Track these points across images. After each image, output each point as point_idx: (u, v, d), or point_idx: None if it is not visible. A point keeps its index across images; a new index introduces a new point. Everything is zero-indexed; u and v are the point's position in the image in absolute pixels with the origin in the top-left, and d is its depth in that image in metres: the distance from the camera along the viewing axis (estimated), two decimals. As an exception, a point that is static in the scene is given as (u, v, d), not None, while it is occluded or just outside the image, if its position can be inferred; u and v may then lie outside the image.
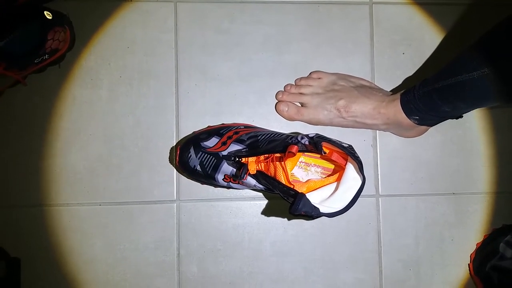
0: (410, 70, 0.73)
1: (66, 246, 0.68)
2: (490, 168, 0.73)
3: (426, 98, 0.60)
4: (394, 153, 0.72)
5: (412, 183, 0.72)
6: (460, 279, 0.72)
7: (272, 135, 0.62)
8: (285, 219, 0.71)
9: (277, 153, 0.58)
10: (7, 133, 0.68)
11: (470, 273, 0.71)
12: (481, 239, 0.72)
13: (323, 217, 0.54)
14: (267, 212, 0.70)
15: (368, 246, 0.71)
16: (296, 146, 0.56)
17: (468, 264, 0.72)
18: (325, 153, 0.57)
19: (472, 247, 0.72)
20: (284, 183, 0.58)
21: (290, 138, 0.58)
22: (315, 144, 0.55)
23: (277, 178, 0.58)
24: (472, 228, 0.73)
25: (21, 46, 0.60)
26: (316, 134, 0.57)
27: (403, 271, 0.71)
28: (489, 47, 0.53)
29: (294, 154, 0.56)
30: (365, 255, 0.71)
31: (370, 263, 0.71)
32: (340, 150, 0.56)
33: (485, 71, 0.52)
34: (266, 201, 0.71)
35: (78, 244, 0.68)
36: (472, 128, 0.74)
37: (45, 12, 0.61)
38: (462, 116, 0.63)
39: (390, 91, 0.72)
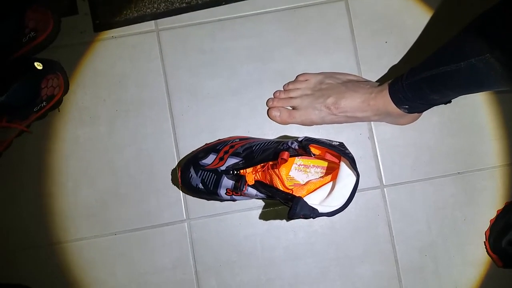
0: (395, 57, 0.73)
1: (89, 279, 0.71)
2: (492, 142, 0.72)
3: (414, 87, 0.60)
4: (392, 141, 0.72)
5: (415, 169, 0.72)
6: (479, 258, 0.71)
7: (265, 144, 0.64)
8: (294, 223, 0.72)
9: (270, 161, 0.60)
10: (21, 179, 0.72)
11: (487, 251, 0.70)
12: (494, 215, 0.71)
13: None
14: (275, 218, 0.72)
15: (381, 238, 0.71)
16: (287, 152, 0.57)
17: (484, 242, 0.71)
18: (314, 155, 0.58)
19: (485, 224, 0.71)
20: (281, 189, 0.59)
21: (281, 145, 0.59)
22: (303, 148, 0.56)
23: (274, 185, 0.59)
24: (483, 205, 0.72)
25: (19, 98, 0.64)
26: (305, 137, 0.58)
27: (419, 258, 0.71)
28: (477, 36, 0.53)
29: (286, 160, 0.57)
30: (379, 247, 0.71)
31: (385, 254, 0.71)
32: (330, 149, 0.57)
33: (472, 61, 0.52)
34: (272, 208, 0.72)
35: (100, 275, 0.71)
36: (468, 104, 0.73)
37: (35, 63, 0.65)
38: (451, 101, 0.63)
39: (378, 81, 0.73)
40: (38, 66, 0.65)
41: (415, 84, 0.60)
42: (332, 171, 0.65)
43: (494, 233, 0.69)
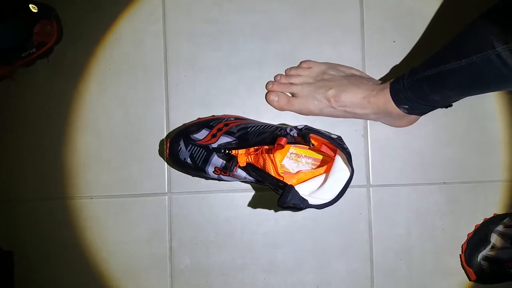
0: (401, 58, 0.73)
1: (58, 240, 0.68)
2: (481, 157, 0.73)
3: (415, 87, 0.60)
4: (385, 142, 0.72)
5: (404, 173, 0.72)
6: (451, 268, 0.72)
7: (262, 127, 0.62)
8: (277, 210, 0.71)
9: (266, 145, 0.58)
10: (-3, 127, 0.68)
11: (462, 263, 0.71)
12: (473, 229, 0.72)
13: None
14: (258, 203, 0.70)
15: (359, 236, 0.72)
16: (284, 138, 0.56)
17: (460, 255, 0.72)
18: (313, 145, 0.57)
19: (463, 236, 0.72)
20: (273, 175, 0.58)
21: (279, 130, 0.58)
22: (303, 136, 0.55)
23: (266, 170, 0.58)
24: (463, 217, 0.73)
25: (7, 40, 0.60)
26: (305, 125, 0.57)
27: (394, 260, 0.72)
28: (479, 34, 0.53)
29: (282, 146, 0.56)
30: (357, 245, 0.72)
31: (362, 253, 0.72)
32: (329, 142, 0.56)
33: (473, 59, 0.52)
34: (257, 193, 0.71)
35: (70, 238, 0.68)
36: (464, 117, 0.73)
37: (31, 6, 0.61)
38: (452, 105, 0.63)
39: (381, 80, 0.72)
40: (33, 8, 0.60)
41: (416, 83, 0.60)
42: (323, 164, 0.64)
43: (470, 247, 0.70)
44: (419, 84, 0.59)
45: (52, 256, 0.68)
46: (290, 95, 0.70)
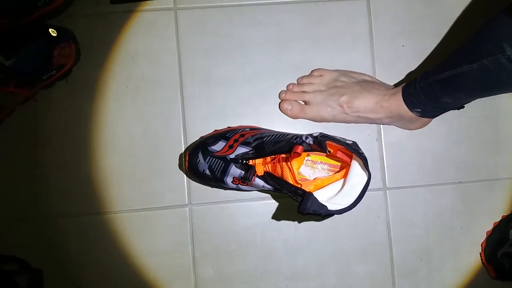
0: (410, 62, 0.74)
1: (86, 256, 0.70)
2: (496, 155, 0.74)
3: (427, 90, 0.61)
4: (399, 145, 0.73)
5: (419, 174, 0.73)
6: (471, 267, 0.73)
7: (278, 136, 0.63)
8: (296, 217, 0.72)
9: (283, 153, 0.60)
10: (19, 148, 0.70)
11: (482, 261, 0.72)
12: (491, 227, 0.72)
13: (332, 213, 0.55)
14: (277, 211, 0.72)
15: (379, 239, 0.72)
16: (301, 146, 0.57)
17: (480, 253, 0.72)
18: (329, 152, 0.58)
19: (481, 235, 0.73)
20: (291, 183, 0.59)
21: (295, 138, 0.59)
22: (319, 143, 0.56)
23: (284, 178, 0.59)
24: (481, 215, 0.73)
25: (29, 63, 0.62)
26: (320, 133, 0.58)
27: (414, 261, 0.72)
28: (490, 37, 0.54)
29: (299, 154, 0.57)
30: (376, 248, 0.72)
31: (381, 255, 0.72)
32: (345, 148, 0.57)
33: (484, 62, 0.53)
34: (276, 201, 0.72)
35: (96, 253, 0.70)
36: (476, 116, 0.74)
37: (50, 30, 0.63)
38: (464, 107, 0.64)
39: (392, 84, 0.73)
40: (53, 33, 0.63)
41: (428, 87, 0.61)
42: (339, 170, 0.65)
43: (490, 244, 0.70)
44: (431, 88, 0.60)
45: (80, 272, 0.70)
46: (303, 103, 0.72)
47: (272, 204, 0.72)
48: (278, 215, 0.72)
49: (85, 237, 0.70)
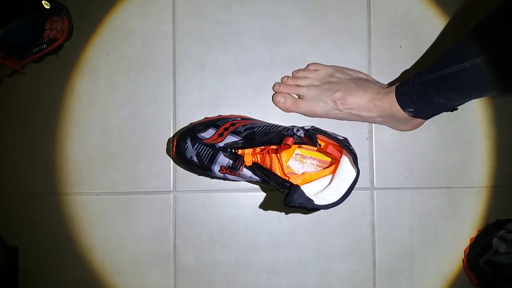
0: (407, 63, 0.73)
1: (64, 235, 0.69)
2: (485, 162, 0.74)
3: (420, 89, 0.61)
4: (389, 146, 0.73)
5: (407, 176, 0.73)
6: (453, 273, 0.73)
7: (269, 127, 0.63)
8: (281, 210, 0.71)
9: (273, 145, 0.59)
10: (3, 122, 0.68)
11: (464, 268, 0.72)
12: (475, 234, 0.72)
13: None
14: (263, 203, 0.71)
15: (362, 238, 0.72)
16: (291, 138, 0.56)
17: (462, 259, 0.72)
18: (320, 145, 0.58)
19: (465, 241, 0.73)
20: (279, 175, 0.58)
21: (286, 130, 0.58)
22: (310, 137, 0.55)
23: (272, 170, 0.59)
24: (466, 222, 0.73)
25: (19, 35, 0.61)
26: (312, 126, 0.58)
27: (396, 263, 0.72)
28: (482, 36, 0.53)
29: (289, 146, 0.56)
30: (359, 247, 0.72)
31: (364, 255, 0.72)
32: (335, 143, 0.56)
33: (476, 61, 0.53)
34: (262, 193, 0.71)
35: (76, 233, 0.69)
36: (468, 122, 0.74)
37: (43, 2, 0.61)
38: (457, 109, 0.63)
39: (387, 84, 0.72)
40: (46, 5, 0.61)
41: (421, 86, 0.60)
42: (328, 165, 0.65)
43: (473, 251, 0.70)
44: (424, 87, 0.60)
45: (57, 251, 0.69)
46: (297, 97, 0.71)
47: (258, 196, 0.71)
48: (263, 207, 0.71)
49: (65, 217, 0.69)
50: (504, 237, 0.69)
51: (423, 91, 0.60)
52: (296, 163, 0.66)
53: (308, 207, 0.54)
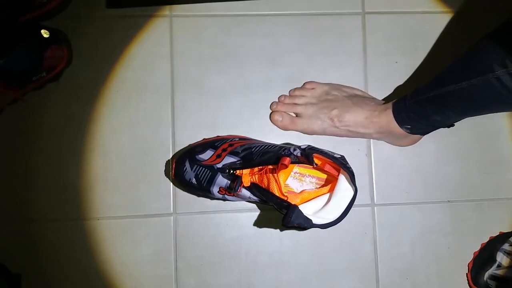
0: (403, 79, 0.74)
1: (65, 261, 0.69)
2: (485, 175, 0.74)
3: (417, 107, 0.61)
4: (388, 162, 0.73)
5: (407, 192, 0.72)
6: (457, 287, 0.72)
7: (266, 147, 0.63)
8: (282, 230, 0.71)
9: (270, 165, 0.59)
10: (8, 148, 0.69)
11: (468, 282, 0.71)
12: (478, 248, 0.72)
13: (319, 227, 0.54)
14: (263, 223, 0.71)
15: (365, 255, 0.72)
16: (288, 158, 0.57)
17: (466, 274, 0.71)
18: (316, 164, 0.58)
19: (468, 255, 0.72)
20: (277, 195, 0.58)
21: (283, 150, 0.59)
22: (306, 156, 0.56)
23: (270, 190, 0.59)
24: (468, 235, 0.73)
25: (20, 64, 0.62)
26: (308, 145, 0.58)
27: (400, 280, 0.71)
28: (479, 57, 0.54)
29: (286, 166, 0.57)
30: (362, 265, 0.72)
31: (367, 272, 0.71)
32: (332, 161, 0.57)
33: (474, 81, 0.53)
34: (262, 212, 0.71)
35: (77, 259, 0.69)
36: (466, 135, 0.74)
37: (42, 31, 0.63)
38: (454, 125, 0.64)
39: (383, 100, 0.73)
40: (45, 34, 0.62)
41: (418, 104, 0.61)
42: (327, 183, 0.65)
43: (476, 265, 0.70)
44: (421, 105, 0.60)
45: (60, 278, 0.68)
46: (294, 115, 0.72)
47: (258, 216, 0.71)
48: (264, 227, 0.71)
49: (66, 243, 0.69)
50: (507, 251, 0.68)
51: (420, 109, 0.61)
52: (295, 182, 0.66)
53: (307, 227, 0.54)
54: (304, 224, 0.53)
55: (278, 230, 0.71)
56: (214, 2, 0.73)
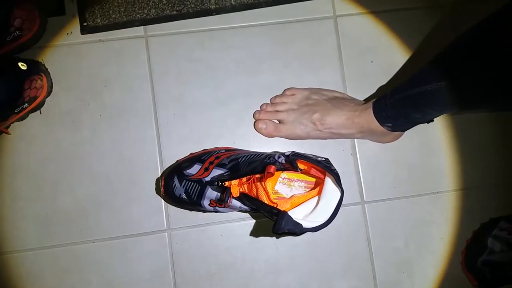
0: (379, 77, 0.75)
1: (64, 286, 0.69)
2: (469, 164, 0.75)
3: (397, 106, 0.62)
4: (374, 159, 0.74)
5: (396, 187, 0.73)
6: (453, 276, 0.73)
7: (252, 156, 0.64)
8: (276, 236, 0.72)
9: (257, 174, 0.60)
10: (-5, 182, 0.70)
11: (463, 270, 0.72)
12: (470, 236, 0.73)
13: (313, 230, 0.55)
14: (257, 231, 0.72)
15: (359, 253, 0.72)
16: (273, 166, 0.57)
17: (460, 262, 0.73)
18: (301, 170, 0.59)
19: (461, 243, 0.73)
20: (266, 202, 0.59)
21: (268, 158, 0.60)
22: (290, 162, 0.57)
23: (259, 199, 0.59)
24: (460, 224, 0.74)
25: (0, 98, 0.62)
26: (292, 152, 0.59)
27: (396, 274, 0.72)
28: (458, 56, 0.55)
29: (272, 174, 0.57)
30: (358, 262, 0.72)
31: (363, 270, 0.72)
32: (316, 165, 0.58)
33: (452, 80, 0.54)
34: (255, 221, 0.72)
35: (76, 283, 0.69)
36: (447, 126, 0.75)
37: (19, 64, 0.63)
38: (433, 120, 0.65)
39: (364, 99, 0.74)
40: (22, 66, 0.63)
41: (398, 103, 0.62)
42: (316, 186, 0.66)
43: (470, 253, 0.71)
44: (401, 104, 0.61)
45: (59, 303, 0.69)
46: (278, 122, 0.73)
47: (251, 224, 0.72)
48: (258, 235, 0.72)
49: (64, 268, 0.69)
50: (497, 236, 0.69)
51: (400, 107, 0.62)
52: (284, 187, 0.67)
53: (297, 232, 0.54)
54: (295, 229, 0.54)
55: (272, 237, 0.72)
56: (186, 18, 0.74)
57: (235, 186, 0.62)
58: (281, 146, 0.73)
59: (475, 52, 0.52)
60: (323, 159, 0.59)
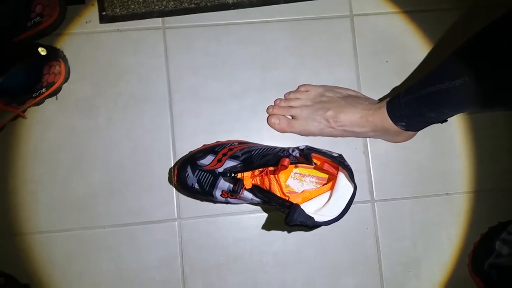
0: (394, 77, 0.76)
1: (73, 270, 0.70)
2: (480, 167, 0.75)
3: (411, 105, 0.62)
4: (385, 158, 0.74)
5: (406, 186, 0.74)
6: (460, 278, 0.73)
7: (265, 150, 0.64)
8: (285, 230, 0.72)
9: (270, 166, 0.60)
10: (10, 164, 0.70)
11: (469, 273, 0.72)
12: (478, 238, 0.73)
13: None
14: (266, 224, 0.72)
15: (367, 251, 0.73)
16: (287, 159, 0.58)
17: (467, 264, 0.73)
18: (315, 164, 0.59)
19: (469, 246, 0.73)
20: (279, 195, 0.59)
21: (282, 152, 0.60)
22: (305, 156, 0.57)
23: (272, 191, 0.60)
24: (468, 227, 0.74)
25: (18, 82, 0.63)
26: (306, 146, 0.59)
27: (403, 274, 0.73)
28: (470, 55, 0.55)
29: (286, 167, 0.58)
30: (365, 260, 0.73)
31: (370, 268, 0.73)
32: (330, 160, 0.58)
33: (466, 79, 0.54)
34: (265, 214, 0.72)
35: (85, 268, 0.70)
36: (460, 128, 0.75)
37: (39, 49, 0.64)
38: (447, 120, 0.65)
39: (377, 99, 0.74)
40: (42, 51, 0.64)
41: (412, 102, 0.62)
42: (327, 182, 0.66)
43: (477, 255, 0.71)
44: (415, 103, 0.62)
45: (69, 287, 0.69)
46: (291, 118, 0.73)
47: (261, 217, 0.72)
48: (267, 227, 0.72)
49: (74, 252, 0.70)
50: (506, 239, 0.69)
51: (414, 106, 0.62)
52: (296, 182, 0.68)
53: (309, 224, 0.55)
54: (307, 222, 0.54)
55: (281, 230, 0.72)
56: (204, 12, 0.74)
57: (248, 178, 0.62)
58: (294, 142, 0.74)
59: (485, 52, 0.52)
60: (337, 154, 0.59)
